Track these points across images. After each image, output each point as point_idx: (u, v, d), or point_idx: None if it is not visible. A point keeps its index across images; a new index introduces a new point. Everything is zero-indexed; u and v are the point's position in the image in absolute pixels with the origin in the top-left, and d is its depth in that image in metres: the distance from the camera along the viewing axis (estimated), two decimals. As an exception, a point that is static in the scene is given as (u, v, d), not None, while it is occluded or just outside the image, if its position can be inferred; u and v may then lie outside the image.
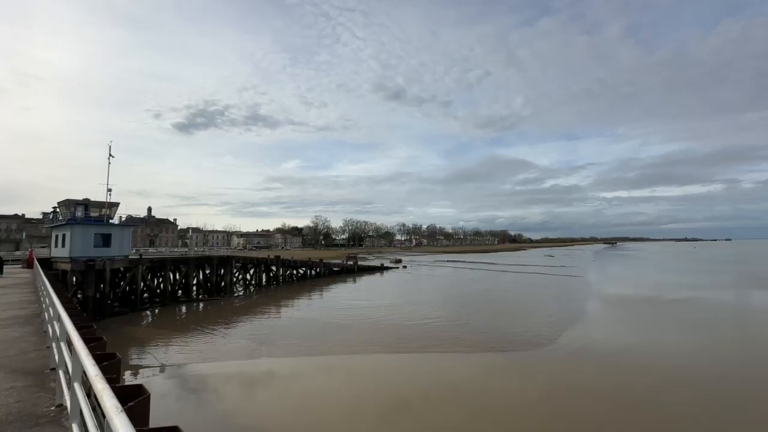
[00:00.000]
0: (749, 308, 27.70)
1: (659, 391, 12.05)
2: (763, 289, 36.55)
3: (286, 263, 47.26)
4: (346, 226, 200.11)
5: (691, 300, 30.36)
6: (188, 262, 33.37)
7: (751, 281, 43.55)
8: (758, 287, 38.32)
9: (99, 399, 1.77)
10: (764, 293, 34.25)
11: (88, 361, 2.44)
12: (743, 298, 31.86)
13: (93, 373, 2.17)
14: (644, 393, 11.97)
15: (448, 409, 10.96)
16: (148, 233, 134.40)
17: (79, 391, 2.90)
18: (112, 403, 1.63)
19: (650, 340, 18.48)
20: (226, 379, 13.66)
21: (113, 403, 1.62)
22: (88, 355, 2.54)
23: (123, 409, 1.54)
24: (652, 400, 11.45)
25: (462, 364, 15.19)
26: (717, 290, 36.05)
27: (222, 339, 19.50)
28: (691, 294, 33.50)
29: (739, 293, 34.57)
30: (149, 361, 15.89)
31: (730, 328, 20.66)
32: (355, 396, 12.03)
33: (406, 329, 20.97)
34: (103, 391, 1.77)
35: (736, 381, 12.96)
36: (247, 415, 10.68)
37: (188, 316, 26.72)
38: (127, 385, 4.25)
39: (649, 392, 12.02)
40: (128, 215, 34.98)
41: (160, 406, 11.14)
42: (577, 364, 14.95)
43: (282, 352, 17.05)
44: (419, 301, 31.55)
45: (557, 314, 24.92)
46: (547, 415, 10.60)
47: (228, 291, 35.66)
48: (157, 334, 20.55)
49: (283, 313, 27.53)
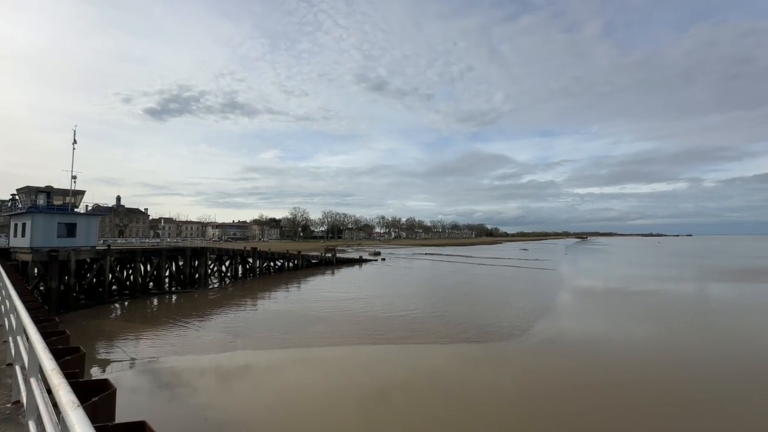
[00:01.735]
0: (707, 299, 29.39)
1: (624, 377, 12.64)
2: (719, 282, 38.90)
3: (263, 255, 46.48)
4: (325, 218, 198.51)
5: (654, 292, 31.94)
6: (160, 253, 32.26)
7: (709, 274, 46.23)
8: (715, 280, 40.74)
9: (55, 394, 1.65)
10: (720, 285, 36.45)
11: (45, 355, 2.28)
12: (702, 290, 33.75)
13: (49, 367, 2.02)
14: (610, 378, 12.54)
15: (425, 399, 11.12)
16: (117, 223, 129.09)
17: (36, 386, 2.72)
18: (68, 398, 1.51)
19: (616, 329, 19.35)
20: (200, 372, 13.35)
21: (70, 398, 1.50)
22: (45, 349, 2.37)
23: (80, 405, 1.43)
24: (617, 384, 12.00)
25: (439, 355, 15.43)
26: (678, 283, 38.12)
27: (196, 332, 19.03)
28: (655, 286, 35.28)
29: (698, 285, 36.61)
30: (118, 355, 15.32)
31: (690, 317, 21.84)
32: (332, 388, 12.01)
33: (384, 321, 21.09)
34: (60, 386, 1.65)
35: (696, 365, 13.75)
36: (222, 408, 10.48)
37: (160, 308, 25.90)
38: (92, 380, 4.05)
39: (614, 378, 12.59)
40: (95, 204, 33.40)
41: (130, 401, 10.79)
42: (549, 353, 15.48)
43: (258, 344, 16.80)
44: (397, 293, 31.77)
45: (531, 306, 25.67)
46: (521, 402, 10.94)
47: (202, 283, 34.77)
48: (127, 328, 19.83)
49: (259, 305, 27.12)
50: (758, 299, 28.28)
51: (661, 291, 32.39)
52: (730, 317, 22.08)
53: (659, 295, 30.43)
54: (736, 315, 22.72)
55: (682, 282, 38.97)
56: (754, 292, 31.53)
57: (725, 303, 27.34)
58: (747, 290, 32.91)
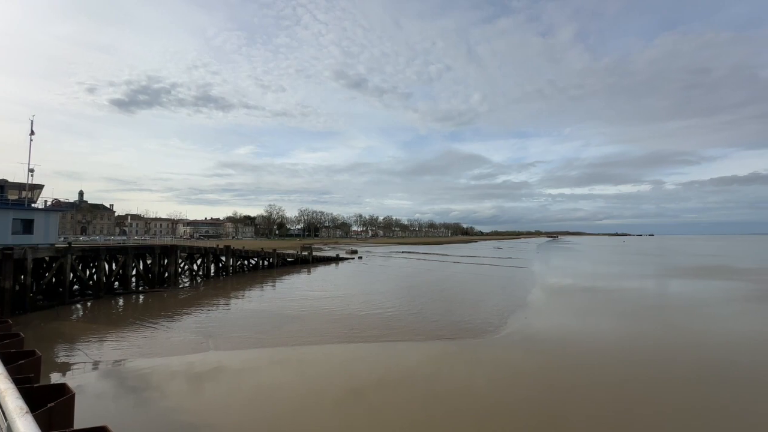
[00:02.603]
0: (666, 294, 31.05)
1: (590, 370, 13.17)
2: (677, 278, 41.21)
3: (237, 253, 45.36)
4: (302, 216, 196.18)
5: (619, 289, 33.46)
6: (127, 252, 30.87)
7: (668, 272, 48.93)
8: (674, 277, 43.16)
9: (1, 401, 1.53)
10: (678, 282, 38.60)
11: (-8, 358, 2.11)
12: (661, 286, 35.63)
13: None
14: (576, 371, 13.03)
15: (401, 397, 11.18)
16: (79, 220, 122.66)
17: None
18: (16, 404, 1.40)
19: (584, 324, 20.14)
20: (170, 375, 12.88)
21: (17, 404, 1.39)
22: (-7, 352, 2.20)
23: (29, 411, 1.32)
24: (583, 377, 12.48)
25: (415, 352, 15.55)
26: (641, 280, 40.12)
27: (165, 333, 18.34)
28: (620, 283, 36.98)
29: (659, 282, 38.63)
30: (79, 358, 14.55)
31: (650, 312, 22.99)
32: (308, 387, 11.87)
33: (361, 319, 21.05)
34: (6, 391, 1.53)
35: (656, 357, 14.50)
36: (193, 412, 10.16)
37: (126, 309, 24.80)
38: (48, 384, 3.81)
39: (580, 371, 13.09)
40: (55, 199, 31.62)
41: (92, 406, 10.29)
42: (520, 349, 15.92)
43: (231, 345, 16.38)
44: (373, 291, 31.79)
45: (504, 303, 26.31)
46: (493, 396, 11.19)
47: (172, 282, 33.55)
48: (89, 329, 18.87)
49: (232, 304, 26.46)
50: (710, 295, 30.11)
51: (625, 288, 33.95)
52: (686, 311, 23.40)
53: (624, 291, 31.88)
54: (691, 309, 24.10)
55: (644, 279, 41.04)
56: (706, 288, 33.56)
57: (682, 298, 28.96)
58: (701, 286, 35.00)
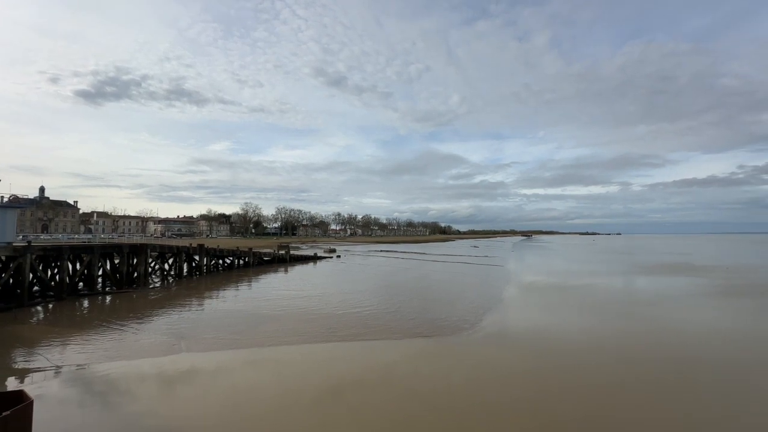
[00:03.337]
0: (632, 290, 32.50)
1: (560, 363, 13.62)
2: (643, 275, 43.22)
3: (211, 252, 44.14)
4: (279, 215, 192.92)
5: (589, 285, 34.77)
6: (92, 250, 29.47)
7: (635, 268, 51.22)
8: (639, 273, 45.23)
9: (-49, 410, 1.42)
10: (643, 278, 40.49)
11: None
12: (628, 283, 37.26)
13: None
14: (548, 365, 13.46)
15: (379, 395, 11.21)
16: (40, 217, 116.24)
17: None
18: (-32, 414, 1.31)
19: (555, 319, 20.81)
20: (140, 378, 12.40)
21: (-30, 413, 1.30)
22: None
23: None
24: (554, 370, 12.91)
25: (392, 350, 15.61)
26: (610, 276, 41.86)
27: (134, 335, 17.63)
28: (590, 280, 38.43)
29: (626, 278, 40.39)
30: (40, 363, 13.79)
31: (617, 307, 24.01)
32: (285, 387, 11.71)
33: (338, 318, 20.95)
34: (-42, 400, 1.43)
35: (622, 349, 15.16)
36: (164, 416, 9.82)
37: (92, 311, 23.67)
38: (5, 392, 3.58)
39: (551, 364, 13.53)
40: (12, 195, 29.80)
41: (55, 414, 9.81)
42: (495, 345, 16.31)
43: (205, 346, 15.94)
44: (351, 290, 31.70)
45: (479, 300, 26.84)
46: (469, 391, 11.39)
47: (142, 282, 32.29)
48: (51, 333, 17.90)
49: (206, 305, 25.74)
50: (673, 290, 31.76)
51: (595, 284, 35.31)
52: (650, 306, 24.58)
53: (593, 287, 33.16)
54: (655, 304, 25.33)
55: (612, 276, 42.83)
56: (669, 284, 35.38)
57: (647, 293, 30.39)
58: (665, 282, 36.87)
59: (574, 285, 35.47)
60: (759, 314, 22.92)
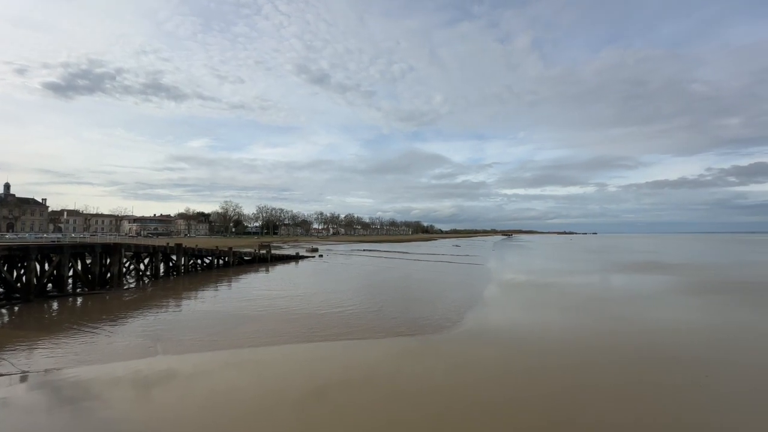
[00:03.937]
0: (608, 288, 33.60)
1: (540, 361, 13.94)
2: (618, 273, 44.73)
3: (189, 252, 43.05)
4: (260, 213, 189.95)
5: (567, 283, 35.70)
6: (62, 250, 28.27)
7: (610, 267, 52.92)
8: (615, 272, 46.76)
9: None
10: (619, 276, 41.91)
11: None
12: (604, 280, 38.49)
13: None
14: (527, 363, 13.76)
15: (363, 394, 11.20)
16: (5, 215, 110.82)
17: None
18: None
19: (535, 317, 21.29)
20: (113, 382, 11.98)
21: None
22: None
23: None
24: (533, 368, 13.21)
25: (375, 350, 15.63)
26: (587, 275, 43.10)
27: (107, 338, 17.02)
28: (568, 278, 39.49)
29: (602, 277, 41.69)
30: (4, 368, 13.12)
31: (594, 304, 24.77)
32: (266, 389, 11.55)
33: (320, 318, 20.80)
34: None
35: (599, 346, 15.66)
36: (140, 421, 9.52)
37: (61, 313, 22.71)
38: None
39: (531, 362, 13.84)
40: (-25, 192, 28.27)
41: (21, 422, 9.39)
42: (476, 343, 16.55)
43: (182, 348, 15.54)
44: (333, 290, 31.54)
45: (461, 298, 27.17)
46: (451, 389, 11.51)
47: (116, 283, 31.19)
48: (16, 336, 17.07)
49: (184, 306, 25.09)
50: (646, 288, 33.00)
51: (572, 282, 36.29)
52: (626, 303, 25.46)
53: (571, 285, 34.07)
54: (630, 302, 26.25)
55: (589, 274, 44.12)
56: (642, 282, 36.77)
57: (622, 291, 31.48)
58: (638, 280, 38.29)
59: (553, 283, 36.33)
60: (726, 309, 24.08)
